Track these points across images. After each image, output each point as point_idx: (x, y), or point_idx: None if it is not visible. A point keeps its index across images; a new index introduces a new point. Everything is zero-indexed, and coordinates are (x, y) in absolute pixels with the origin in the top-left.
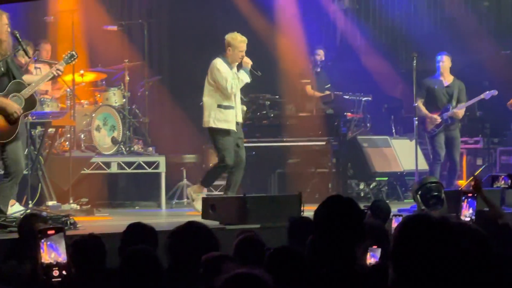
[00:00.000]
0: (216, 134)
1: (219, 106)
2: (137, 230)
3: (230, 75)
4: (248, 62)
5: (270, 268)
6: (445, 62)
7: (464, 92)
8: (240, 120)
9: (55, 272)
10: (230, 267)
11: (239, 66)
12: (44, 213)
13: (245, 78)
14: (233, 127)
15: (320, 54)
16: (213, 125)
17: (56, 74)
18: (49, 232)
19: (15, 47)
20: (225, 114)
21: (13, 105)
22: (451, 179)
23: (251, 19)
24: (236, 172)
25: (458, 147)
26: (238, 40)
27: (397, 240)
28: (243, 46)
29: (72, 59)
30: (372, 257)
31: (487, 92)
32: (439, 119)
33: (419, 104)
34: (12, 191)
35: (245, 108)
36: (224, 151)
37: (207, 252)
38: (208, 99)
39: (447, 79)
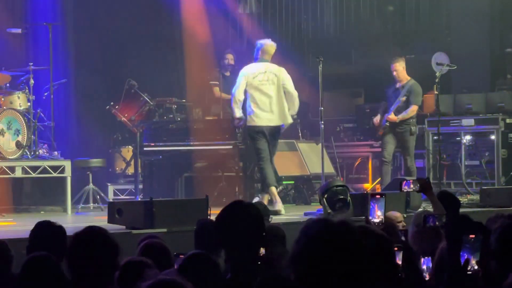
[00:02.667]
0: None
1: None
2: (45, 229)
3: None
4: None
5: (184, 274)
6: (396, 69)
7: (414, 93)
8: None
9: None
10: (151, 274)
11: None
12: None
13: None
14: None
15: (229, 58)
16: None
17: None
18: None
19: None
20: None
21: None
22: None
23: (157, 21)
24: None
25: (409, 150)
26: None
27: (298, 244)
28: None
29: None
30: None
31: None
32: (377, 121)
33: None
34: None
35: None
36: None
37: (107, 258)
38: None
39: (402, 81)
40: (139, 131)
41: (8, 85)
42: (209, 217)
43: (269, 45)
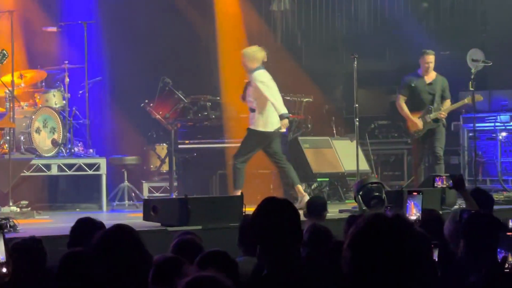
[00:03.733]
0: None
1: None
2: (86, 225)
3: None
4: None
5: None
6: (430, 60)
7: (448, 88)
8: None
9: None
10: (191, 270)
11: None
12: None
13: None
14: None
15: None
16: None
17: None
18: None
19: None
20: None
21: None
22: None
23: (192, 20)
24: None
25: (440, 142)
26: None
27: (357, 240)
28: None
29: (4, 58)
30: None
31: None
32: (420, 125)
33: (401, 102)
34: None
35: None
36: None
37: (134, 256)
38: None
39: (430, 76)
40: (173, 128)
41: (43, 83)
42: (244, 214)
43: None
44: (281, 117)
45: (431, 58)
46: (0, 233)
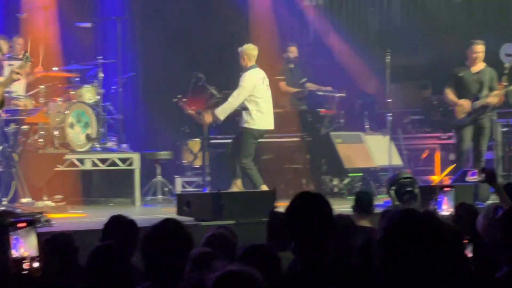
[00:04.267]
0: None
1: None
2: (119, 223)
3: None
4: None
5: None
6: (478, 50)
7: (496, 79)
8: None
9: (26, 265)
10: (220, 265)
11: None
12: (18, 210)
13: None
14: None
15: (293, 51)
16: None
17: (16, 79)
18: (20, 225)
19: None
20: None
21: None
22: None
23: (223, 13)
24: None
25: (486, 138)
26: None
27: (389, 235)
28: None
29: (28, 61)
30: None
31: None
32: (468, 106)
33: (447, 91)
34: None
35: None
36: None
37: (181, 251)
38: None
39: (478, 66)
40: (206, 123)
41: (77, 79)
42: (275, 209)
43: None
44: (216, 118)
45: (479, 48)
46: (32, 228)
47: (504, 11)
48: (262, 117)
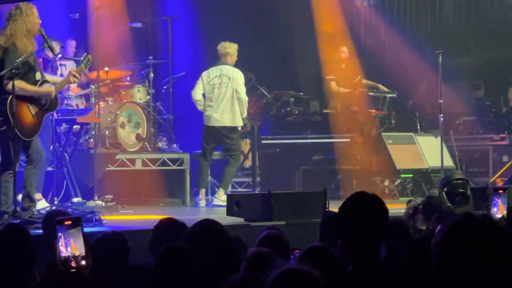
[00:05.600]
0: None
1: None
2: (169, 226)
3: None
4: None
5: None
6: None
7: None
8: None
9: (74, 263)
10: (279, 263)
11: None
12: (69, 210)
13: None
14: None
15: (345, 51)
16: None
17: (73, 82)
18: (67, 223)
19: (41, 44)
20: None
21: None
22: None
23: (273, 13)
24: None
25: None
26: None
27: (446, 240)
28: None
29: (89, 63)
30: None
31: None
32: None
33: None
34: (37, 178)
35: None
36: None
37: (219, 251)
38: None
39: None
40: (256, 124)
41: (128, 78)
42: (327, 209)
43: (222, 46)
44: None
45: None
46: (79, 226)
47: None
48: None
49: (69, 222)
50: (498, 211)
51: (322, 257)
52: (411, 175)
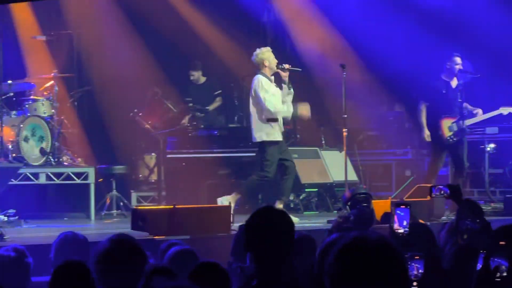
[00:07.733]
0: (268, 146)
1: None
2: (69, 240)
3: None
4: (285, 74)
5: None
6: (458, 63)
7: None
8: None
9: None
10: (159, 281)
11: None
12: None
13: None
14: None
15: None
16: (266, 139)
17: None
18: None
19: None
20: (274, 126)
21: None
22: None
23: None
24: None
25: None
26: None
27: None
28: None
29: None
30: None
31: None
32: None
33: (423, 109)
34: None
35: None
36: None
37: (135, 266)
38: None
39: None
40: (162, 138)
41: (32, 92)
42: (232, 224)
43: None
44: None
45: (458, 60)
46: None
47: None
48: None
49: None
50: (401, 226)
51: (213, 274)
52: (316, 189)
